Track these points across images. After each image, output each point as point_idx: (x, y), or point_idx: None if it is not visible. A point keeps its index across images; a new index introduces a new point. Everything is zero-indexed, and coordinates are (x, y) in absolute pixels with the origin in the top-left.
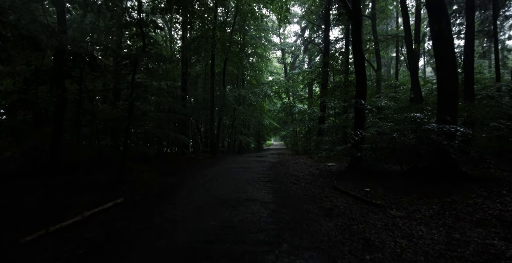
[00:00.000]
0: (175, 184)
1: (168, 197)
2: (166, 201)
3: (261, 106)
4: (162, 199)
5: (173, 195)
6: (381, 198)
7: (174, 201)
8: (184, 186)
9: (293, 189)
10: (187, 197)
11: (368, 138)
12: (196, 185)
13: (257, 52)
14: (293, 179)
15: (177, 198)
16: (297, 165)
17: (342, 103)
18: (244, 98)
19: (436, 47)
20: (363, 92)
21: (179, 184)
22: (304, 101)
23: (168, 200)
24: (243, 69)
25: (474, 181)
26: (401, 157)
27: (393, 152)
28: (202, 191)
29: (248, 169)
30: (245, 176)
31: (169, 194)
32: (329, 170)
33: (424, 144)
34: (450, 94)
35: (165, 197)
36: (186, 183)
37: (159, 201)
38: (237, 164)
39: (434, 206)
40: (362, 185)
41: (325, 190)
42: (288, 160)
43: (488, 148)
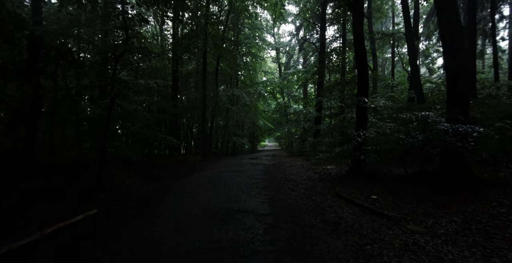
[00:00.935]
0: (159, 191)
1: (149, 208)
2: (146, 213)
3: (256, 106)
4: (142, 211)
5: (155, 205)
6: (391, 207)
7: (155, 213)
8: (170, 194)
9: (291, 197)
10: (170, 208)
11: (371, 139)
12: (183, 193)
13: (251, 52)
14: (291, 185)
15: (159, 209)
16: (293, 168)
17: (339, 103)
18: (238, 98)
19: (445, 41)
20: (365, 89)
21: (164, 191)
22: (299, 101)
23: (148, 212)
24: (237, 68)
25: (489, 186)
26: (405, 160)
27: (398, 154)
28: (189, 200)
29: (241, 173)
30: (238, 181)
31: (151, 204)
32: (328, 174)
33: (433, 146)
34: (461, 91)
35: (146, 208)
36: (172, 190)
37: (138, 213)
38: (230, 167)
39: (455, 218)
40: (367, 191)
41: (327, 197)
42: (284, 162)
43: (500, 149)
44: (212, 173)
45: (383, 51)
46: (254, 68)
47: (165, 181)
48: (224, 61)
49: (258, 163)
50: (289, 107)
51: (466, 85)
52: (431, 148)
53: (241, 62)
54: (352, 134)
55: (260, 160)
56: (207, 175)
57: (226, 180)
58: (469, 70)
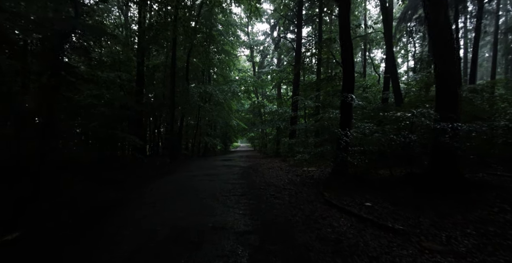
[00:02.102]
0: (115, 201)
1: (97, 226)
2: (89, 236)
3: (229, 105)
4: (85, 231)
5: (104, 222)
6: (392, 217)
7: (101, 236)
8: (127, 206)
9: (276, 207)
10: (124, 226)
11: (354, 139)
12: (144, 204)
13: (225, 49)
14: (273, 191)
15: (108, 228)
16: (272, 170)
17: (315, 103)
18: (211, 95)
19: (435, 39)
20: (351, 85)
21: (119, 201)
22: (273, 101)
23: (92, 234)
24: (210, 64)
25: (479, 189)
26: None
27: (385, 155)
28: (150, 214)
29: (215, 177)
30: (212, 187)
31: (101, 220)
32: (311, 177)
33: (424, 146)
34: (451, 91)
35: (91, 227)
36: (131, 200)
37: (78, 236)
38: (201, 170)
39: (467, 230)
40: (359, 197)
41: (317, 206)
42: (261, 164)
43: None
44: (181, 177)
45: (356, 52)
46: (228, 66)
47: (124, 188)
48: (196, 56)
49: (233, 165)
50: (264, 106)
51: (455, 85)
52: (422, 149)
53: (215, 58)
54: (339, 134)
55: (235, 162)
56: (175, 180)
57: (198, 186)
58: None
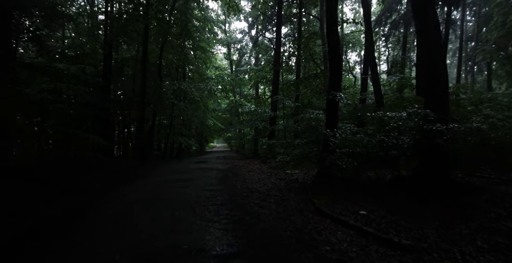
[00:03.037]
0: (66, 215)
1: (38, 253)
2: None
3: (206, 104)
4: (18, 260)
5: (50, 245)
6: (393, 228)
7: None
8: (80, 222)
9: (263, 218)
10: (73, 249)
11: (345, 140)
12: (103, 219)
13: (201, 46)
14: (257, 198)
15: (53, 255)
16: (253, 173)
17: (295, 103)
18: (186, 93)
19: (422, 39)
20: (338, 82)
21: (74, 215)
22: (251, 101)
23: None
24: (185, 60)
25: (469, 192)
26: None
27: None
28: (110, 233)
29: (190, 182)
30: (187, 195)
31: (45, 243)
32: (295, 181)
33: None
34: (439, 92)
35: (29, 253)
36: (86, 214)
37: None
38: (175, 174)
39: (478, 242)
40: (351, 204)
41: (308, 216)
42: (240, 166)
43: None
44: (151, 183)
45: None
46: (204, 63)
47: (84, 197)
48: (169, 50)
49: (210, 168)
50: (242, 105)
51: (445, 85)
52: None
53: (190, 54)
54: (328, 134)
55: (211, 164)
56: (144, 187)
57: (170, 194)
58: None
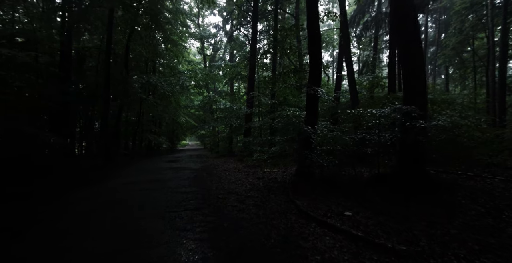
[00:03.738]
0: (7, 231)
1: None
2: None
3: (177, 100)
4: None
5: None
6: (381, 230)
7: None
8: (19, 239)
9: (242, 225)
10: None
11: (325, 138)
12: (49, 233)
13: (173, 39)
14: (235, 200)
15: None
16: (229, 173)
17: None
18: (156, 87)
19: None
20: (318, 77)
21: (16, 229)
22: (226, 97)
23: None
24: (155, 53)
25: (445, 189)
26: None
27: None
28: (54, 253)
29: (160, 184)
30: (156, 199)
31: None
32: (274, 180)
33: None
34: (420, 90)
35: None
36: (30, 228)
37: None
38: (143, 174)
39: (469, 243)
40: (334, 204)
41: (292, 219)
42: (215, 165)
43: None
44: (114, 186)
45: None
46: (176, 57)
47: (26, 207)
48: (138, 41)
49: (183, 167)
50: (217, 102)
51: (423, 83)
52: (393, 148)
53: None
54: (309, 132)
55: (184, 163)
56: (106, 191)
57: (136, 198)
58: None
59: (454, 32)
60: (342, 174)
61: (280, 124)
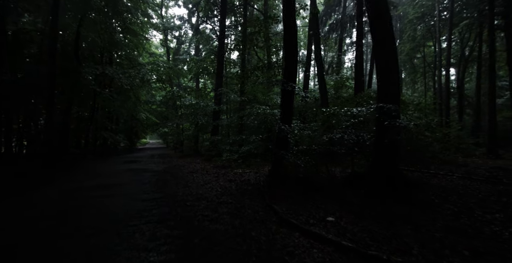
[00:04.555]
0: None
1: None
2: None
3: (137, 95)
4: None
5: None
6: (369, 238)
7: None
8: None
9: (217, 239)
10: None
11: (302, 137)
12: None
13: (133, 29)
14: (205, 208)
15: None
16: (197, 175)
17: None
18: (112, 80)
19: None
20: (294, 73)
21: None
22: (191, 93)
23: None
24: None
25: (415, 187)
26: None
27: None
28: None
29: (116, 189)
30: (110, 210)
31: None
32: (247, 182)
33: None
34: (394, 91)
35: None
36: None
37: None
38: (95, 178)
39: (458, 247)
40: (315, 208)
41: (272, 228)
42: (180, 166)
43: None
44: (57, 193)
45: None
46: (136, 48)
47: None
48: (91, 28)
49: (143, 168)
50: (182, 97)
51: (397, 84)
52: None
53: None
54: (286, 130)
55: (144, 164)
56: (43, 200)
57: (85, 208)
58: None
59: (408, 39)
60: (317, 174)
61: (256, 122)
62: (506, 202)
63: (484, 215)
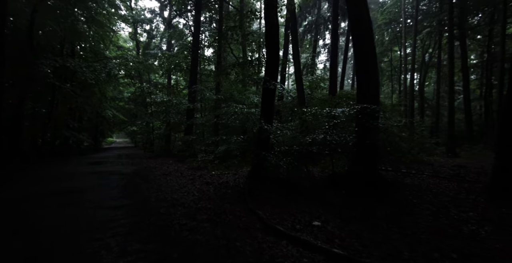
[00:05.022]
0: None
1: None
2: None
3: (103, 90)
4: None
5: None
6: (359, 243)
7: None
8: None
9: (197, 252)
10: None
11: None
12: None
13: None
14: (182, 216)
15: None
16: (170, 177)
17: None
18: (75, 74)
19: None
20: (275, 70)
21: None
22: (163, 90)
23: None
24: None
25: (394, 187)
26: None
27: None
28: None
29: (78, 196)
30: (69, 221)
31: None
32: (226, 185)
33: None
34: (374, 93)
35: None
36: None
37: None
38: (52, 182)
39: (445, 251)
40: (299, 212)
41: (257, 237)
42: (151, 168)
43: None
44: (7, 201)
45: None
46: (102, 40)
47: None
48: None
49: (110, 171)
50: (153, 94)
51: (377, 88)
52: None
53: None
54: (269, 129)
55: (111, 166)
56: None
57: (39, 220)
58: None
59: (377, 43)
60: (298, 175)
61: (237, 122)
62: (475, 200)
63: (459, 214)
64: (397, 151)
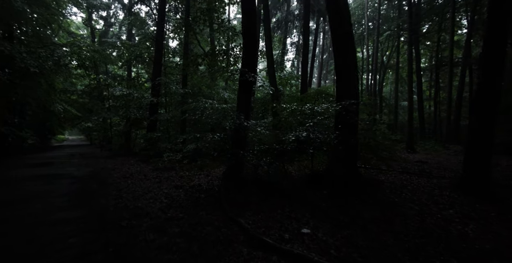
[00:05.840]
0: None
1: None
2: None
3: (50, 81)
4: None
5: None
6: (355, 252)
7: None
8: None
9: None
10: None
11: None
12: None
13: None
14: (148, 228)
15: None
16: (132, 180)
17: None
18: (13, 61)
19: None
20: (253, 60)
21: None
22: (122, 82)
23: None
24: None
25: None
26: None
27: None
28: None
29: (15, 206)
30: (6, 241)
31: None
32: (198, 188)
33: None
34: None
35: None
36: None
37: None
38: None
39: (442, 256)
40: (286, 218)
41: (243, 252)
42: (109, 169)
43: None
44: None
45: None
46: (49, 24)
47: None
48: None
49: (59, 174)
50: (111, 86)
51: (356, 87)
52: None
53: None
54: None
55: (61, 167)
56: None
57: None
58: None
59: None
60: (276, 175)
61: (214, 118)
62: (449, 196)
63: (441, 212)
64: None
